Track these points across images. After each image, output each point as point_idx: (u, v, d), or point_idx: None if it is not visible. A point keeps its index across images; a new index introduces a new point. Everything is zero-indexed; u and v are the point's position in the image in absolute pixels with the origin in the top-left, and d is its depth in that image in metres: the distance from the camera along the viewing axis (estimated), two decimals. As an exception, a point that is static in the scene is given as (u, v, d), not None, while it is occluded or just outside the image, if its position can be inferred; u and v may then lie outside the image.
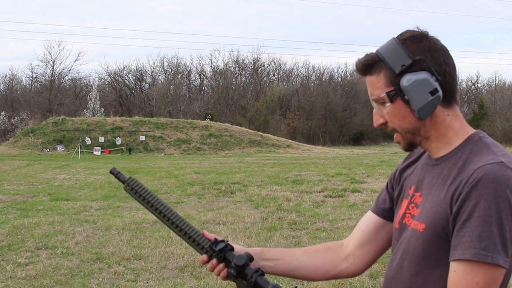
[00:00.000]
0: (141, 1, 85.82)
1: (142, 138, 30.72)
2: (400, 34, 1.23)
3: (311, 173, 14.91)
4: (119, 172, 1.38)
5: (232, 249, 1.30)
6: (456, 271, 1.09)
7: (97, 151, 28.79)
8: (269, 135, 35.38)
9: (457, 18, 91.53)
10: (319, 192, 10.70)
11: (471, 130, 1.24)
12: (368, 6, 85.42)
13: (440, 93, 1.18)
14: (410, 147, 1.26)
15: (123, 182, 1.37)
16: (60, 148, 29.41)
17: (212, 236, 1.33)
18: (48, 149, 28.98)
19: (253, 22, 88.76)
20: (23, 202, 9.54)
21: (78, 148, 27.57)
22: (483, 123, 47.65)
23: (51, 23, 78.71)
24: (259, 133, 35.04)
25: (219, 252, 1.28)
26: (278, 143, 33.02)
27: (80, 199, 9.99)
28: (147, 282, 4.68)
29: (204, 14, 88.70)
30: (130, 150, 29.13)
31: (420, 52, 1.19)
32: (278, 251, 1.43)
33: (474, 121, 49.53)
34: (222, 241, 1.30)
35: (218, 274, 1.30)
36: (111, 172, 1.40)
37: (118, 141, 30.33)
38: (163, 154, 29.12)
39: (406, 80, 1.18)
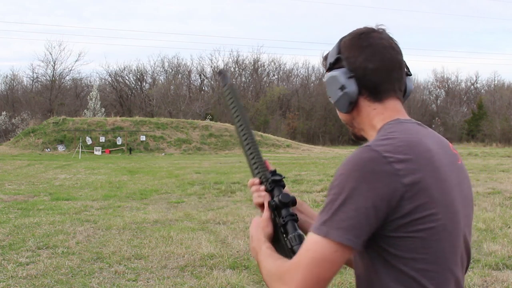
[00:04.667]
0: (143, 1, 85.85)
1: (143, 138, 30.74)
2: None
3: (311, 173, 14.94)
4: (227, 75, 1.45)
5: (284, 186, 1.33)
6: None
7: (97, 151, 28.82)
8: (269, 135, 35.42)
9: (459, 19, 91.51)
10: (319, 192, 10.72)
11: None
12: (370, 6, 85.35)
13: (350, 89, 1.23)
14: (355, 137, 1.34)
15: (225, 85, 1.45)
16: (61, 148, 29.44)
17: (271, 168, 1.38)
18: (49, 149, 29.01)
19: (253, 22, 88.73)
20: (24, 201, 9.57)
21: (78, 148, 27.60)
22: (482, 123, 47.66)
23: (54, 24, 78.71)
24: (259, 133, 35.08)
25: (272, 182, 1.32)
26: (278, 143, 33.05)
27: (80, 198, 10.02)
28: (148, 282, 4.70)
29: (204, 15, 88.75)
30: (130, 150, 29.16)
31: (343, 50, 1.26)
32: (313, 212, 1.44)
33: (473, 121, 49.55)
34: (279, 175, 1.34)
35: (255, 195, 1.36)
36: (219, 72, 1.48)
37: (119, 141, 30.36)
38: (163, 154, 29.14)
39: (325, 77, 1.29)
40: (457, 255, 1.18)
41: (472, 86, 59.12)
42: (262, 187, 1.34)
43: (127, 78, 55.74)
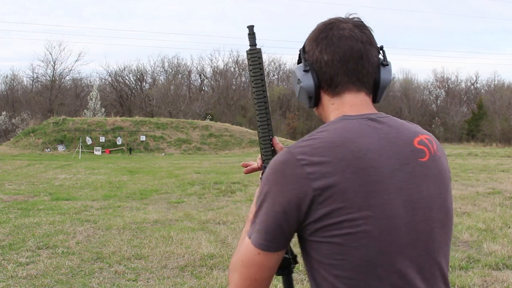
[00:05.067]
0: (143, 1, 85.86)
1: (143, 138, 30.75)
2: None
3: (311, 173, 14.93)
4: (254, 35, 1.42)
5: None
6: None
7: (97, 151, 28.82)
8: (269, 135, 35.33)
9: (459, 19, 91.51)
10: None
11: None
12: (370, 6, 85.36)
13: (305, 83, 1.20)
14: None
15: (252, 45, 1.42)
16: (61, 148, 29.44)
17: (280, 146, 1.38)
18: (49, 149, 29.01)
19: (253, 22, 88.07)
20: (24, 201, 9.57)
21: (78, 148, 27.61)
22: (482, 123, 47.65)
23: (54, 24, 78.71)
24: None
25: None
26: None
27: (80, 198, 10.02)
28: (148, 282, 4.70)
29: (204, 15, 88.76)
30: (130, 150, 29.16)
31: (306, 44, 1.24)
32: None
33: (473, 121, 49.55)
34: None
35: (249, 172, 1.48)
36: (248, 26, 1.45)
37: (119, 141, 30.37)
38: (163, 154, 29.15)
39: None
40: (393, 263, 1.07)
41: (472, 86, 59.13)
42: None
43: (127, 78, 55.76)
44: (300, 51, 1.24)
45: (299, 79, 1.21)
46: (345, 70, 1.17)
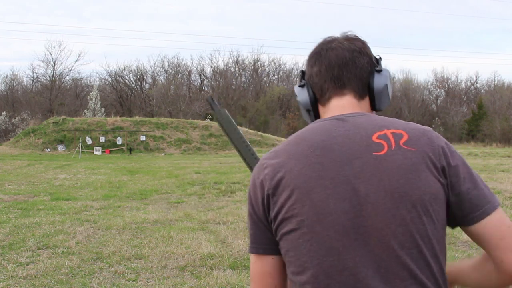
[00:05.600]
0: (143, 1, 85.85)
1: (143, 138, 30.75)
2: None
3: (311, 173, 14.93)
4: (214, 102, 1.54)
5: None
6: None
7: (97, 151, 28.82)
8: (269, 135, 35.41)
9: (459, 19, 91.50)
10: (319, 192, 10.73)
11: None
12: (370, 6, 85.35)
13: (300, 97, 1.28)
14: None
15: (214, 110, 1.55)
16: (61, 148, 29.44)
17: None
18: (49, 149, 29.01)
19: (253, 22, 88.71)
20: (24, 201, 9.57)
21: (78, 148, 27.60)
22: (482, 123, 47.67)
23: (54, 24, 78.70)
24: (259, 133, 35.07)
25: None
26: (278, 143, 32.88)
27: (80, 198, 10.02)
28: (148, 282, 4.70)
29: (204, 15, 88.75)
30: (130, 150, 29.16)
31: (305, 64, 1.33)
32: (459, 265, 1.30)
33: (473, 121, 49.56)
34: None
35: None
36: (207, 99, 1.58)
37: (119, 141, 30.36)
38: (163, 154, 29.15)
39: None
40: (341, 259, 1.06)
41: (472, 86, 59.12)
42: None
43: (127, 78, 55.76)
44: (300, 73, 1.33)
45: (296, 95, 1.29)
46: (331, 77, 1.22)
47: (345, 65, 1.21)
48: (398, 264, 1.06)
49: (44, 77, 51.32)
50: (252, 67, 56.47)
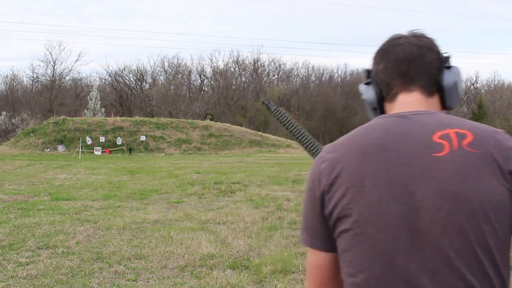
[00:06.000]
0: (143, 1, 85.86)
1: (143, 138, 30.75)
2: None
3: (311, 173, 14.92)
4: (271, 103, 1.76)
5: None
6: None
7: (97, 151, 28.82)
8: (269, 135, 35.42)
9: (459, 19, 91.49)
10: (319, 192, 10.72)
11: None
12: (370, 6, 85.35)
13: (366, 95, 1.24)
14: None
15: (272, 111, 1.76)
16: (61, 148, 29.44)
17: None
18: (49, 149, 29.01)
19: (253, 22, 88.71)
20: (24, 201, 9.56)
21: (78, 148, 27.61)
22: (482, 123, 47.65)
23: (54, 24, 78.70)
24: (259, 133, 35.07)
25: None
26: (278, 143, 33.05)
27: (80, 198, 10.01)
28: (148, 282, 4.70)
29: (204, 15, 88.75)
30: (130, 150, 29.16)
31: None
32: None
33: (473, 121, 49.54)
34: None
35: None
36: (263, 102, 1.81)
37: (119, 141, 30.37)
38: (163, 154, 29.15)
39: None
40: (394, 264, 1.02)
41: (472, 86, 59.12)
42: None
43: (127, 78, 55.77)
44: (365, 72, 1.28)
45: (362, 93, 1.25)
46: (398, 72, 1.18)
47: (413, 60, 1.17)
48: (453, 274, 1.00)
49: (44, 77, 51.36)
50: (252, 67, 56.49)
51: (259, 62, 56.70)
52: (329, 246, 1.13)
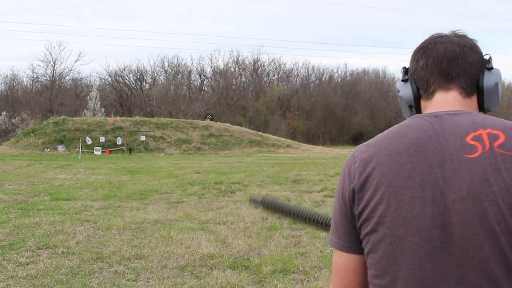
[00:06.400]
0: (143, 1, 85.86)
1: (143, 138, 30.75)
2: None
3: (311, 173, 14.93)
4: (257, 201, 1.62)
5: None
6: None
7: (97, 151, 28.82)
8: (269, 135, 35.43)
9: (459, 19, 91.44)
10: (319, 192, 10.72)
11: None
12: (370, 6, 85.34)
13: (403, 92, 1.22)
14: None
15: (260, 206, 1.61)
16: (61, 148, 29.44)
17: None
18: (49, 149, 29.01)
19: (253, 22, 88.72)
20: (24, 201, 9.56)
21: (78, 148, 27.61)
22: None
23: (55, 24, 78.69)
24: (259, 133, 35.07)
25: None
26: (278, 143, 33.05)
27: (80, 198, 10.01)
28: (148, 282, 4.70)
29: (204, 15, 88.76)
30: (130, 150, 29.16)
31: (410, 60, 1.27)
32: None
33: (474, 121, 49.60)
34: None
35: None
36: (250, 201, 1.69)
37: (119, 141, 30.37)
38: (163, 154, 29.15)
39: None
40: (422, 268, 1.01)
41: (472, 86, 59.14)
42: None
43: (127, 78, 55.78)
44: (402, 69, 1.26)
45: (398, 90, 1.23)
46: (438, 70, 1.16)
47: (454, 58, 1.15)
48: (482, 279, 0.98)
49: (44, 77, 51.37)
50: (252, 67, 56.49)
51: (259, 62, 56.74)
52: (355, 247, 1.12)
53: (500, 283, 0.98)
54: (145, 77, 55.86)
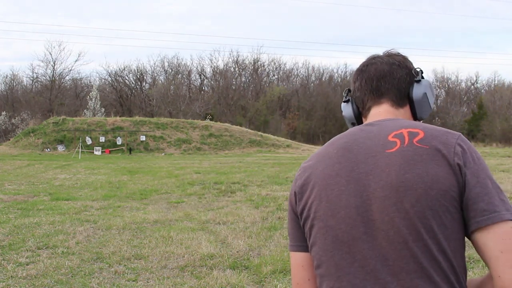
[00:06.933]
0: (143, 1, 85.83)
1: (143, 138, 30.74)
2: None
3: (311, 173, 14.92)
4: None
5: None
6: None
7: (97, 151, 28.81)
8: (269, 135, 35.42)
9: (459, 19, 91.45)
10: (319, 192, 10.71)
11: None
12: (370, 6, 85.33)
13: (344, 112, 1.39)
14: None
15: None
16: (60, 148, 29.43)
17: None
18: (48, 149, 29.00)
19: (253, 22, 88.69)
20: (24, 201, 9.56)
21: (78, 148, 27.61)
22: (482, 123, 47.67)
23: (54, 24, 78.66)
24: (259, 133, 35.06)
25: None
26: (278, 143, 33.04)
27: (80, 198, 10.01)
28: (148, 282, 4.70)
29: (204, 15, 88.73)
30: (130, 150, 29.15)
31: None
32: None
33: (474, 121, 49.56)
34: None
35: None
36: None
37: (119, 141, 30.36)
38: (163, 154, 29.14)
39: None
40: (351, 252, 1.11)
41: (472, 86, 59.12)
42: None
43: (127, 78, 55.77)
44: (346, 91, 1.42)
45: (342, 111, 1.41)
46: (370, 89, 1.32)
47: (383, 77, 1.30)
48: (403, 258, 1.07)
49: (44, 77, 51.37)
50: (252, 67, 56.47)
51: (259, 62, 56.73)
52: (302, 245, 1.25)
53: (419, 259, 1.07)
54: (145, 77, 55.89)
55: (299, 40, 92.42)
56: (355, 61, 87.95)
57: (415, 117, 1.31)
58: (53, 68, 50.27)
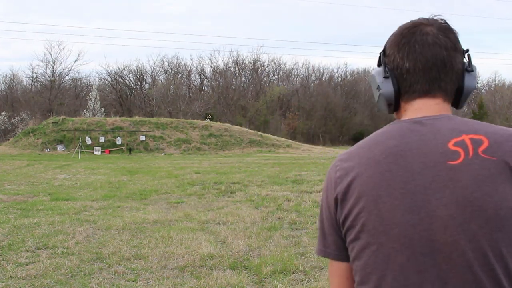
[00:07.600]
0: (143, 1, 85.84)
1: (142, 138, 30.73)
2: None
3: (311, 173, 14.92)
4: None
5: None
6: None
7: (97, 151, 28.80)
8: (269, 135, 35.42)
9: (459, 19, 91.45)
10: (319, 192, 10.70)
11: None
12: (371, 6, 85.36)
13: (384, 90, 1.15)
14: None
15: None
16: (60, 148, 29.42)
17: None
18: (48, 149, 28.99)
19: (253, 22, 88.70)
20: (24, 202, 9.55)
21: (78, 148, 27.59)
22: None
23: (54, 24, 78.67)
24: (259, 133, 35.06)
25: None
26: (278, 143, 33.03)
27: (80, 199, 10.00)
28: (147, 282, 4.69)
29: (204, 15, 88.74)
30: (130, 150, 29.14)
31: (387, 46, 1.18)
32: None
33: (474, 121, 49.61)
34: None
35: None
36: None
37: (119, 141, 30.34)
38: (163, 154, 29.13)
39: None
40: (405, 274, 1.02)
41: (472, 86, 59.09)
42: None
43: (126, 78, 55.78)
44: (380, 54, 1.20)
45: (378, 85, 1.17)
46: (427, 79, 1.12)
47: (443, 67, 1.11)
48: (466, 283, 0.99)
49: (43, 77, 51.37)
50: (252, 67, 56.48)
51: (259, 62, 56.73)
52: (344, 255, 1.14)
53: (483, 285, 0.98)
54: (144, 77, 55.89)
55: (299, 40, 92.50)
56: (355, 61, 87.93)
57: (454, 106, 1.18)
58: (53, 68, 50.30)
